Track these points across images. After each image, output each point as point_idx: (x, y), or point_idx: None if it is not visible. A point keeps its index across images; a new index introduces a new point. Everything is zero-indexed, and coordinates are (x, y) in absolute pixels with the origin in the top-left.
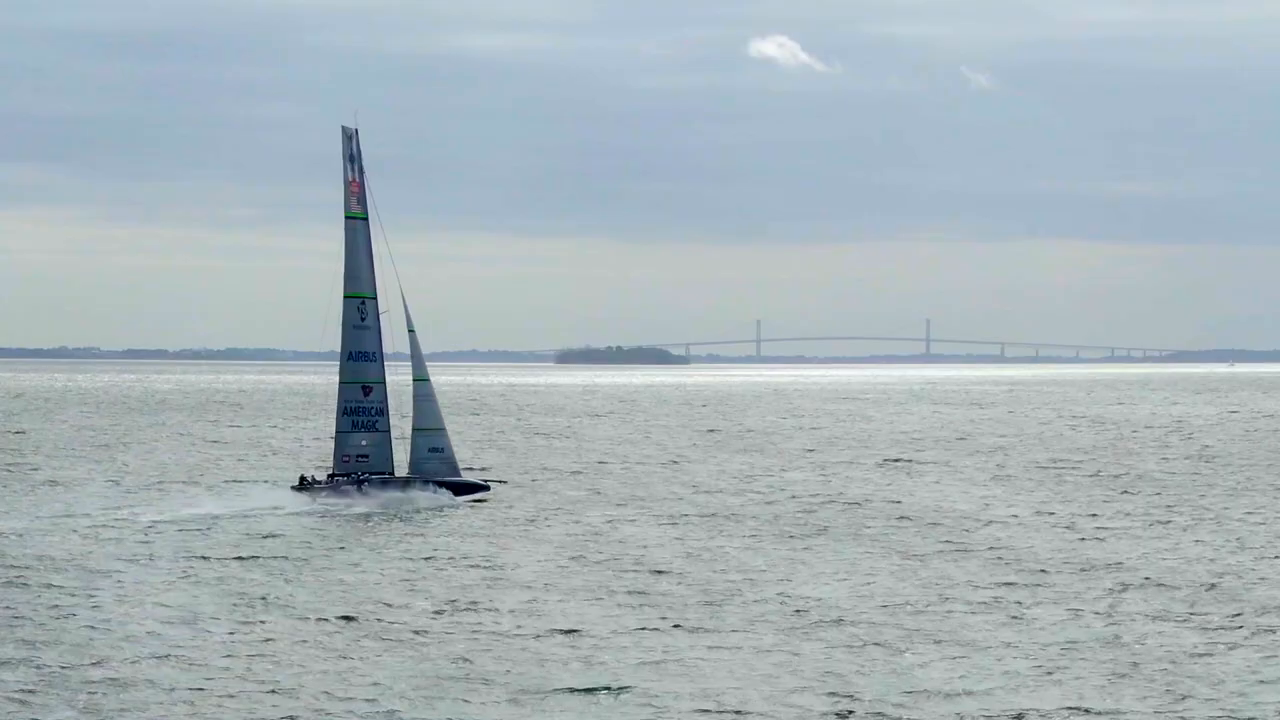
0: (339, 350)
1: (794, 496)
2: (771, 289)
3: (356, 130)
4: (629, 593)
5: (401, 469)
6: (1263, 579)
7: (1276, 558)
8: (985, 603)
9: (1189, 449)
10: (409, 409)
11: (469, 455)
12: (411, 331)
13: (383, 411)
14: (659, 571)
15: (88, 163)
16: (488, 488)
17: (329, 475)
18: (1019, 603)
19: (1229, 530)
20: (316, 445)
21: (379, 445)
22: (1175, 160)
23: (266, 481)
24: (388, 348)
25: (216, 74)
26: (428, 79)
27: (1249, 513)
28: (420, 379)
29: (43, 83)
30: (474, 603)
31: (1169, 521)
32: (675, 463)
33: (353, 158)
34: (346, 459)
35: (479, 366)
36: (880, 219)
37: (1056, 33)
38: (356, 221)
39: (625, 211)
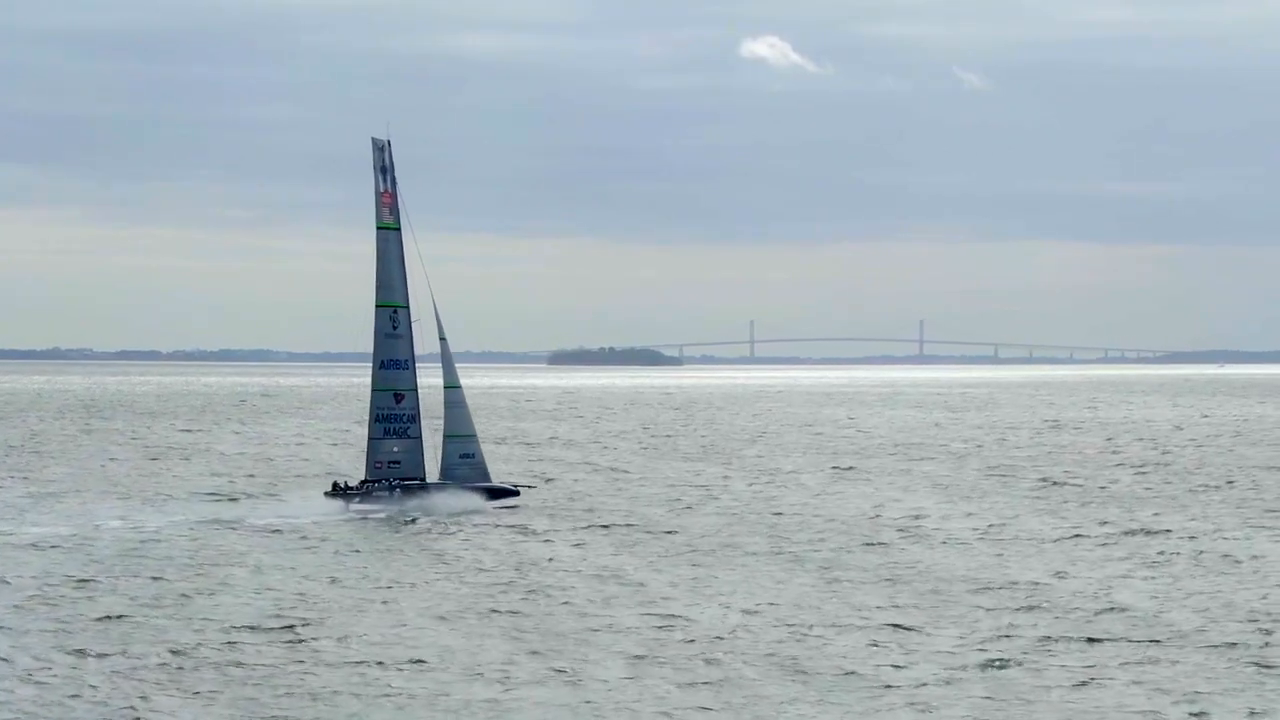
0: (332, 352)
1: (720, 509)
2: (765, 290)
3: (389, 141)
4: (499, 614)
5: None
6: (1168, 603)
7: (1190, 578)
8: (875, 627)
9: (1144, 455)
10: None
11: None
12: (443, 339)
13: (414, 419)
14: (534, 592)
15: (83, 163)
16: (518, 492)
17: (360, 481)
18: (910, 628)
19: (1155, 547)
20: (258, 452)
21: (410, 452)
22: (1170, 161)
23: (174, 496)
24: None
25: (211, 74)
26: (423, 79)
27: (1182, 526)
28: (451, 386)
29: (37, 83)
30: (327, 628)
31: (1095, 536)
32: (614, 470)
33: (384, 169)
34: (379, 465)
35: (471, 368)
36: (873, 220)
37: (1049, 33)
38: (389, 232)
39: (619, 212)
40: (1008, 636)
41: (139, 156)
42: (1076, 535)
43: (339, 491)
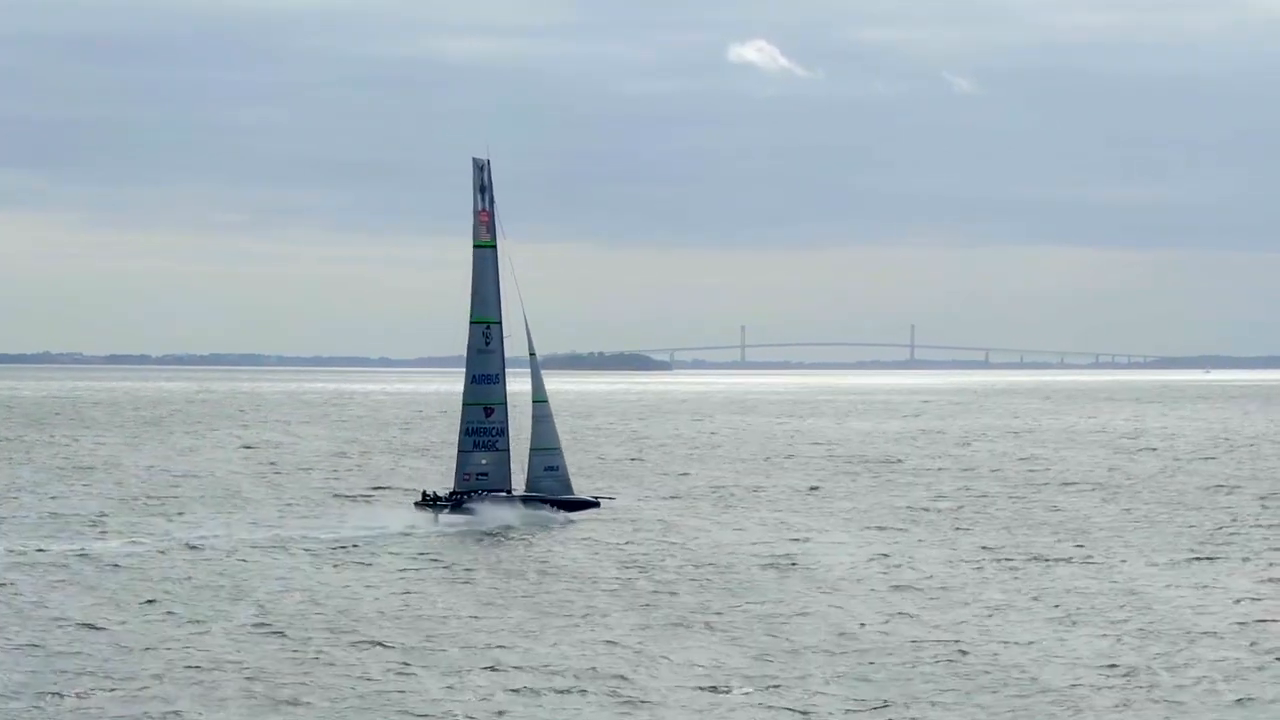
0: (323, 355)
1: (581, 537)
2: (757, 294)
3: (488, 161)
4: (247, 668)
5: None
6: (1019, 649)
7: (1047, 623)
8: (685, 687)
9: (1080, 473)
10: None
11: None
12: (532, 355)
13: (503, 432)
14: (319, 631)
15: (73, 167)
16: (598, 503)
17: (450, 493)
18: (711, 688)
19: (1033, 582)
20: (159, 466)
21: (498, 464)
22: (1161, 165)
23: (17, 520)
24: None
25: (201, 78)
26: (410, 83)
27: (1069, 556)
28: (539, 400)
29: (28, 87)
30: (92, 680)
31: (974, 562)
32: None
33: (483, 188)
34: (467, 477)
35: (461, 374)
36: (864, 224)
37: (1039, 37)
38: (485, 250)
39: (608, 217)
40: (821, 693)
41: (131, 160)
42: (953, 568)
43: (428, 502)
